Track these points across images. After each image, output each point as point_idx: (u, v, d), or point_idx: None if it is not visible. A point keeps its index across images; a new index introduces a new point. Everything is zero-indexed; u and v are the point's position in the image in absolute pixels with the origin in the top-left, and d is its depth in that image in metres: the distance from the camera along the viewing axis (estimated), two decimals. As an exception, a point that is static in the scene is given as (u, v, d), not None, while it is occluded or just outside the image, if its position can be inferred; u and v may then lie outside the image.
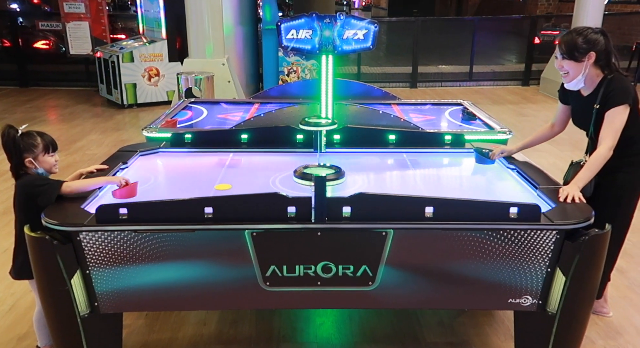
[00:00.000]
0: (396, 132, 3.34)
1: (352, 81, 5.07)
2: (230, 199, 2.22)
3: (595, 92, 2.59)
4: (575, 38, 2.54)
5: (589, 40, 2.53)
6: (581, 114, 2.71)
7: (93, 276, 2.19)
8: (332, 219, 2.18)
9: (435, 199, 2.22)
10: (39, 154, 2.36)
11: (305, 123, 3.00)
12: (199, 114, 4.59)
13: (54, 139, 2.45)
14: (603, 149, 2.49)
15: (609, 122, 2.51)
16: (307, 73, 8.87)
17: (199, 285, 2.25)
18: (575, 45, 2.54)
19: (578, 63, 2.55)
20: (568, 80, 2.62)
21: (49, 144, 2.40)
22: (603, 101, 2.55)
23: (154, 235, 2.16)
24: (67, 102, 8.74)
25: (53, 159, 2.42)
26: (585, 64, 2.54)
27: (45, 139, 2.40)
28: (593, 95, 2.61)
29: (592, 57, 2.53)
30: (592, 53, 2.53)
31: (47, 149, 2.38)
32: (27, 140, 2.35)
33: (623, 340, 2.77)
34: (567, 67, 2.58)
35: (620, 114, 2.50)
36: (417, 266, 2.24)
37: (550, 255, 2.19)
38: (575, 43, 2.54)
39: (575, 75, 2.58)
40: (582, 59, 2.54)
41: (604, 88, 2.56)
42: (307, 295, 2.29)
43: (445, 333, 2.82)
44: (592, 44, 2.53)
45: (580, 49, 2.53)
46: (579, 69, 2.56)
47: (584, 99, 2.65)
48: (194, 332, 2.83)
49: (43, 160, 2.38)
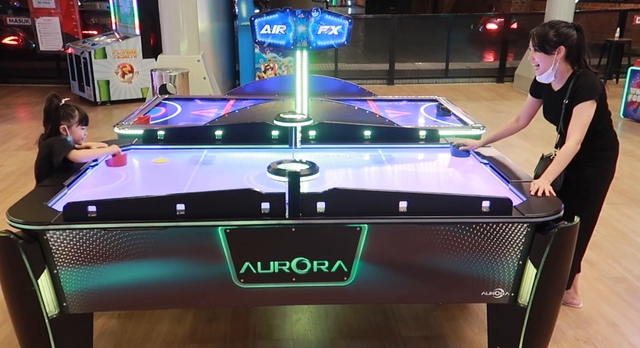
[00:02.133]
0: (371, 127, 3.34)
1: (328, 77, 5.06)
2: (203, 195, 2.19)
3: (565, 86, 2.63)
4: (548, 31, 2.57)
5: (561, 34, 2.56)
6: (551, 108, 2.75)
7: (61, 276, 2.13)
8: (306, 215, 2.17)
9: (409, 194, 2.23)
10: (74, 124, 2.71)
11: (280, 119, 2.97)
12: (172, 110, 4.52)
13: (87, 115, 2.81)
14: (571, 142, 2.53)
15: (577, 116, 2.56)
16: (284, 70, 8.83)
17: (172, 283, 2.21)
18: (546, 38, 2.57)
19: (548, 56, 2.58)
20: (539, 72, 2.66)
21: (84, 118, 2.77)
22: (571, 96, 2.59)
23: (124, 233, 2.12)
24: (37, 99, 8.51)
25: (83, 132, 2.78)
26: (555, 57, 2.57)
27: (81, 112, 2.76)
28: (563, 90, 2.64)
29: (561, 51, 2.57)
30: (562, 47, 2.56)
31: (81, 122, 2.75)
32: (66, 110, 2.70)
33: (592, 331, 2.83)
34: (538, 59, 2.62)
35: (587, 109, 2.54)
36: (391, 261, 2.24)
37: (522, 247, 2.21)
38: (546, 35, 2.57)
39: (545, 68, 2.61)
40: (552, 52, 2.57)
41: (572, 83, 2.60)
42: (282, 292, 2.28)
43: (420, 327, 2.84)
44: (563, 38, 2.56)
45: (550, 41, 2.56)
46: (549, 61, 2.59)
47: (555, 94, 2.69)
48: (168, 331, 2.79)
49: (75, 130, 2.73)
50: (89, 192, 2.50)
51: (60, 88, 9.21)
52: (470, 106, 7.93)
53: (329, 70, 10.20)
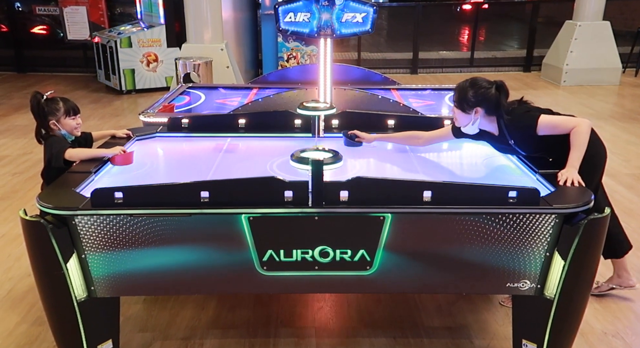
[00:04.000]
0: (395, 116, 3.31)
1: (351, 66, 5.04)
2: (227, 183, 2.20)
3: (501, 132, 2.61)
4: (468, 90, 2.54)
5: (478, 95, 2.52)
6: (503, 147, 2.73)
7: (89, 260, 2.18)
8: (329, 203, 2.16)
9: (433, 183, 2.20)
10: (61, 117, 2.64)
11: (304, 107, 2.97)
12: (196, 98, 4.56)
13: (75, 104, 2.72)
14: (579, 126, 2.48)
15: (553, 127, 2.51)
16: (307, 59, 8.81)
17: (196, 269, 2.24)
18: (465, 98, 2.55)
19: (466, 114, 2.57)
20: (457, 124, 2.67)
21: (70, 108, 2.67)
22: (517, 137, 2.57)
23: (149, 219, 2.14)
24: (65, 87, 8.68)
25: (74, 122, 2.69)
26: (472, 116, 2.57)
27: (67, 103, 2.68)
28: (501, 135, 2.62)
29: (479, 112, 2.55)
30: (479, 109, 2.54)
31: (68, 113, 2.66)
32: (50, 105, 2.64)
33: (622, 325, 2.77)
34: (456, 114, 2.62)
35: (545, 119, 2.51)
36: (415, 251, 2.23)
37: (549, 239, 2.17)
38: (465, 95, 2.54)
39: (462, 123, 2.63)
40: (469, 112, 2.56)
41: (505, 129, 2.57)
42: (304, 280, 2.28)
43: (443, 317, 2.82)
44: (480, 99, 2.52)
45: (469, 102, 2.54)
46: (467, 119, 2.59)
47: (498, 138, 2.66)
48: (192, 316, 2.83)
49: (65, 123, 2.66)
50: (116, 179, 2.53)
51: (87, 77, 9.38)
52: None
53: (352, 60, 10.12)
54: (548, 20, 11.41)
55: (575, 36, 8.56)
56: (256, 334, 2.69)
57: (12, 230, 3.79)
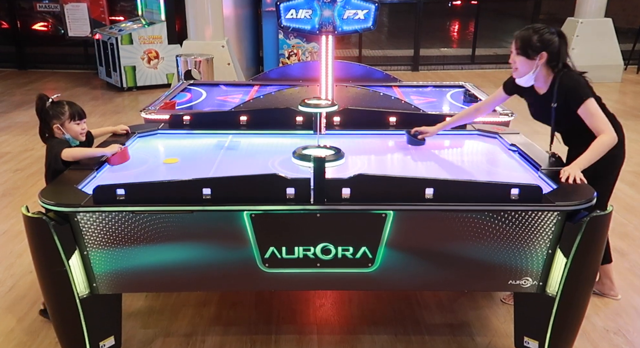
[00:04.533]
0: (397, 113, 3.30)
1: (352, 63, 5.03)
2: (229, 180, 2.20)
3: (550, 90, 2.59)
4: (532, 35, 2.53)
5: (544, 40, 2.52)
6: (540, 111, 2.73)
7: (91, 257, 2.18)
8: (331, 200, 2.16)
9: (435, 180, 2.20)
10: (65, 121, 2.59)
11: (305, 104, 2.96)
12: (198, 95, 4.56)
13: (81, 109, 2.66)
14: (606, 136, 2.48)
15: (590, 116, 2.51)
16: (308, 56, 8.79)
17: (198, 266, 2.24)
18: (530, 43, 2.53)
19: (529, 60, 2.55)
20: (517, 75, 2.63)
21: (75, 113, 2.61)
22: (561, 101, 2.56)
23: (151, 216, 2.14)
24: (66, 84, 8.68)
25: (79, 127, 2.63)
26: (536, 62, 2.54)
27: (72, 108, 2.62)
28: (549, 93, 2.61)
29: (543, 57, 2.53)
30: (544, 53, 2.52)
31: (72, 117, 2.60)
32: (55, 108, 2.59)
33: (623, 322, 2.77)
34: (518, 63, 2.59)
35: (592, 105, 2.51)
36: (417, 248, 2.23)
37: (551, 236, 2.17)
38: (530, 40, 2.53)
39: (524, 72, 2.59)
40: (534, 57, 2.53)
41: (557, 87, 2.56)
42: (306, 277, 2.29)
43: (444, 314, 2.82)
44: (546, 44, 2.52)
45: (534, 47, 2.53)
46: (530, 66, 2.56)
47: (541, 97, 2.65)
48: (194, 313, 2.83)
49: (69, 127, 2.60)
50: (117, 175, 2.53)
51: (88, 74, 9.37)
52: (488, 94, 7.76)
53: (352, 57, 10.11)
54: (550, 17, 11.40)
55: (577, 33, 8.54)
56: (258, 331, 2.69)
57: (14, 227, 3.80)
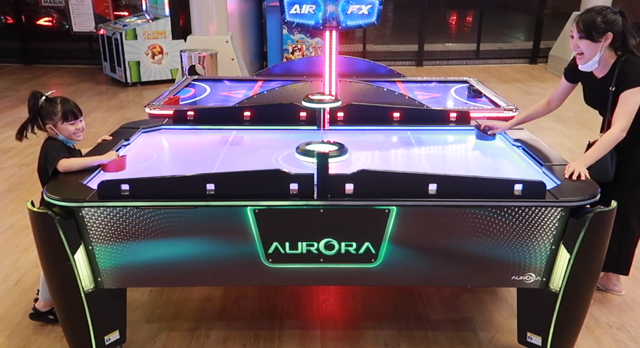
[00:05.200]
0: (400, 109, 3.30)
1: (356, 58, 5.02)
2: (232, 176, 2.21)
3: (610, 74, 2.55)
4: (595, 17, 2.48)
5: (608, 21, 2.48)
6: (595, 95, 2.67)
7: (96, 252, 2.19)
8: (334, 196, 2.17)
9: (438, 176, 2.20)
10: (58, 122, 2.40)
11: (309, 100, 2.96)
12: (202, 91, 4.56)
13: (76, 107, 2.46)
14: (616, 130, 2.46)
15: (623, 103, 2.47)
16: (312, 51, 8.77)
17: (201, 261, 2.25)
18: (594, 25, 2.48)
19: (595, 43, 2.50)
20: (583, 61, 2.57)
21: (67, 113, 2.41)
22: (618, 83, 2.51)
23: (155, 211, 2.15)
24: (70, 79, 8.70)
25: (73, 127, 2.44)
26: (601, 44, 2.49)
27: (65, 106, 2.42)
28: (608, 77, 2.56)
29: (609, 38, 2.48)
30: (610, 34, 2.48)
31: (65, 117, 2.41)
32: (47, 107, 2.40)
33: (627, 318, 2.76)
34: (583, 47, 2.52)
35: (635, 96, 2.46)
36: (420, 243, 2.23)
37: (555, 232, 2.17)
38: (594, 22, 2.48)
39: (590, 56, 2.53)
40: (599, 39, 2.49)
41: (618, 69, 2.51)
42: (309, 272, 2.29)
43: (447, 310, 2.83)
44: (610, 25, 2.48)
45: (598, 28, 2.48)
46: (595, 49, 2.51)
47: (598, 81, 2.61)
48: (198, 308, 2.85)
49: (62, 128, 2.42)
50: (123, 171, 2.54)
51: (93, 69, 9.39)
52: (502, 88, 7.74)
53: (357, 52, 10.08)
54: (555, 12, 11.32)
55: (582, 28, 8.47)
56: (261, 326, 2.70)
57: (19, 222, 3.82)
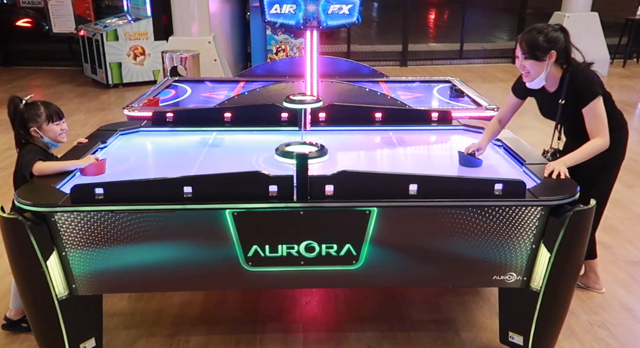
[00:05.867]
0: (382, 109, 3.28)
1: (339, 58, 5.01)
2: (210, 178, 2.17)
3: (560, 87, 2.57)
4: (537, 37, 2.49)
5: (550, 39, 2.49)
6: (549, 108, 2.71)
7: (70, 257, 2.14)
8: (314, 198, 2.14)
9: (419, 176, 2.18)
10: (43, 123, 2.43)
11: (290, 101, 2.92)
12: (182, 92, 4.51)
13: (58, 108, 2.51)
14: (600, 140, 2.48)
15: (593, 117, 2.50)
16: (296, 51, 8.74)
17: (180, 266, 2.21)
18: (537, 45, 2.49)
19: (540, 62, 2.51)
20: (529, 79, 2.58)
21: (52, 113, 2.45)
22: (570, 97, 2.54)
23: (131, 215, 2.11)
24: (50, 81, 8.56)
25: (58, 127, 2.48)
26: (546, 62, 2.51)
27: (49, 108, 2.46)
28: (558, 90, 2.59)
29: (553, 56, 2.50)
30: (553, 52, 2.49)
31: (50, 118, 2.44)
32: (30, 110, 2.42)
33: (607, 315, 2.78)
34: (528, 66, 2.54)
35: (598, 106, 2.49)
36: (401, 244, 2.21)
37: (535, 231, 2.16)
38: (537, 42, 2.49)
39: (537, 75, 2.55)
40: (544, 58, 2.50)
41: (567, 84, 2.54)
42: (290, 275, 2.26)
43: (430, 310, 2.82)
44: (553, 43, 2.49)
45: (542, 48, 2.49)
46: (541, 68, 2.52)
47: (551, 95, 2.63)
48: (178, 313, 2.80)
49: (48, 129, 2.45)
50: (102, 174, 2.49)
51: (73, 70, 9.25)
52: (485, 87, 7.78)
53: (341, 52, 10.07)
54: (537, 12, 11.41)
55: (564, 27, 8.57)
56: (243, 330, 2.66)
57: (-5, 227, 3.72)
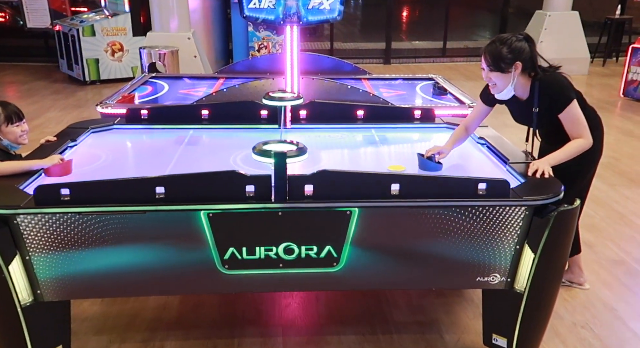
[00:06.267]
0: (365, 107, 3.21)
1: (321, 55, 4.92)
2: (184, 178, 2.07)
3: (532, 95, 2.51)
4: (500, 48, 2.41)
5: (514, 50, 2.40)
6: (522, 116, 2.65)
7: (34, 262, 2.03)
8: (293, 198, 2.06)
9: (401, 176, 2.12)
10: (1, 125, 2.36)
11: (269, 98, 2.84)
12: (159, 89, 4.39)
13: (18, 109, 2.43)
14: (583, 141, 2.44)
15: (571, 121, 2.45)
16: (279, 48, 8.64)
17: (152, 270, 2.11)
18: (500, 57, 2.41)
19: (505, 74, 2.44)
20: (497, 91, 2.51)
21: (11, 115, 2.38)
22: (545, 104, 2.48)
23: (100, 217, 2.00)
24: (25, 78, 8.32)
25: (19, 129, 2.41)
26: (512, 74, 2.44)
27: (7, 109, 2.39)
28: (530, 98, 2.53)
29: (518, 67, 2.43)
30: (518, 63, 2.42)
31: (9, 120, 2.37)
32: None
33: (590, 315, 2.75)
34: (494, 78, 2.47)
35: (574, 109, 2.45)
36: (383, 246, 2.14)
37: (519, 231, 2.11)
38: (500, 54, 2.41)
39: (504, 86, 2.48)
40: (509, 70, 2.43)
41: (537, 92, 2.48)
42: (269, 278, 2.18)
43: (413, 312, 2.76)
44: (517, 53, 2.41)
45: (506, 59, 2.41)
46: (508, 79, 2.45)
47: (523, 103, 2.57)
48: (153, 317, 2.70)
49: (7, 131, 2.38)
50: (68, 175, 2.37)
51: (49, 66, 9.02)
52: (468, 85, 7.76)
53: (324, 50, 9.99)
54: (518, 11, 11.49)
55: (545, 26, 8.61)
56: (220, 335, 2.57)
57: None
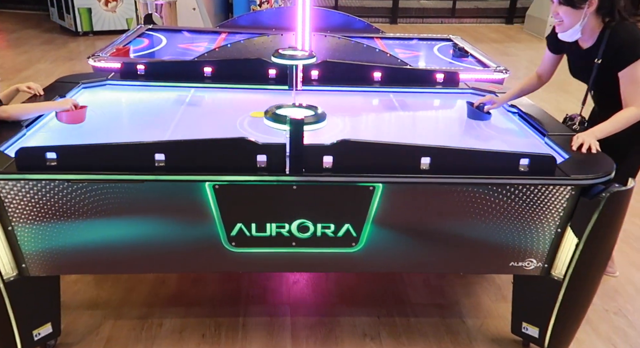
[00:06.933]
0: (382, 68, 2.93)
1: (330, 10, 4.61)
2: (188, 144, 1.83)
3: (597, 44, 2.20)
4: None
5: None
6: (581, 67, 2.34)
7: (18, 233, 1.81)
8: (310, 171, 1.83)
9: (432, 148, 1.87)
10: None
11: (279, 55, 2.58)
12: (157, 42, 4.09)
13: None
14: (636, 109, 2.13)
15: (630, 82, 2.13)
16: (281, 3, 8.24)
17: (150, 245, 1.90)
18: None
19: (576, 10, 2.12)
20: (562, 29, 2.20)
21: None
22: (608, 56, 2.17)
23: (92, 185, 1.77)
24: (13, 26, 7.89)
25: None
26: (584, 11, 2.11)
27: None
28: (594, 47, 2.22)
29: (593, 4, 2.11)
30: (594, 0, 2.10)
31: None
32: None
33: (623, 301, 2.57)
34: (562, 14, 2.15)
35: (638, 70, 2.12)
36: (408, 226, 1.93)
37: (562, 213, 1.89)
38: None
39: (571, 25, 2.16)
40: (582, 6, 2.11)
41: (606, 40, 2.16)
42: (279, 258, 1.98)
43: (432, 293, 2.57)
44: None
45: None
46: (577, 17, 2.13)
47: (584, 52, 2.26)
48: (150, 292, 2.50)
49: None
50: (53, 135, 2.12)
51: (39, 15, 8.56)
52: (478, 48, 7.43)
53: (328, 6, 9.53)
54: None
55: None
56: (223, 313, 2.38)
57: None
